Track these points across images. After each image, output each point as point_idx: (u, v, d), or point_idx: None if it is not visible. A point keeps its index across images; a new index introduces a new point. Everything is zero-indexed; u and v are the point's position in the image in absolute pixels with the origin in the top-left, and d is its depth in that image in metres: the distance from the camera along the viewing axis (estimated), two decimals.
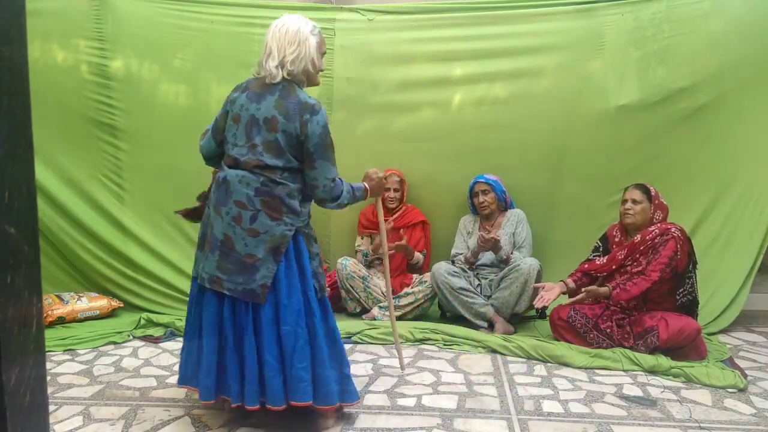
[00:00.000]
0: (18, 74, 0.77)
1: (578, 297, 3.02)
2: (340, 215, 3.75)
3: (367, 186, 2.31)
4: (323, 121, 2.07)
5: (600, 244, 3.30)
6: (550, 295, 3.10)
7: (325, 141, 2.08)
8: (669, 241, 2.98)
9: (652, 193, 3.12)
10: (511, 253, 3.53)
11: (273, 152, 2.05)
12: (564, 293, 3.20)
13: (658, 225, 3.08)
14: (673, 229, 3.03)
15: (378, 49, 3.82)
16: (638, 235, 3.09)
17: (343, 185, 2.16)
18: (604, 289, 2.98)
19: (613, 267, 3.14)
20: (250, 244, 2.04)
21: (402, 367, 2.73)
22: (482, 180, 3.66)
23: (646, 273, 2.97)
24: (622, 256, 3.11)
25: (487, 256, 3.61)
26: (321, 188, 2.09)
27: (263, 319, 2.04)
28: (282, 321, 2.04)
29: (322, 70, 2.25)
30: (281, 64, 2.09)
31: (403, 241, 3.62)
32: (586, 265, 3.25)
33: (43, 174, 3.59)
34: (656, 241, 3.03)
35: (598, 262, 3.21)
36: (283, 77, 2.10)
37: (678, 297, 3.05)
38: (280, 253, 2.05)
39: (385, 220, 3.76)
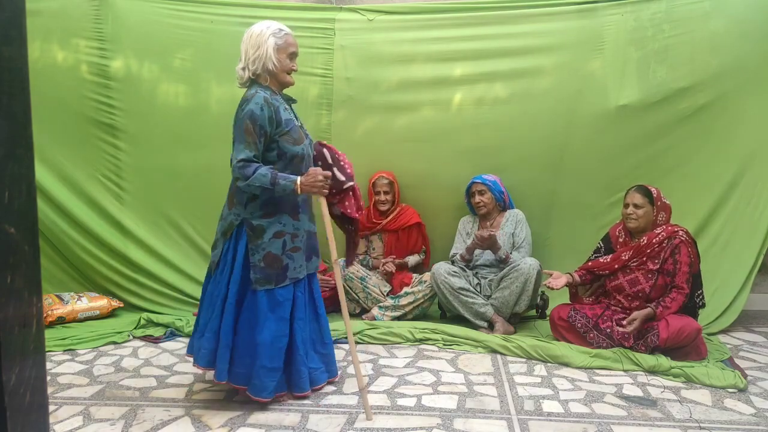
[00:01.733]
0: (18, 74, 0.77)
1: (631, 328, 2.91)
2: None
3: (298, 182, 2.26)
4: (248, 108, 2.25)
5: (602, 245, 3.30)
6: (558, 283, 3.11)
7: (241, 125, 2.26)
8: (681, 248, 2.99)
9: (654, 195, 3.11)
10: (510, 253, 3.53)
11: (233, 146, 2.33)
12: (569, 284, 3.19)
13: (664, 227, 3.08)
14: (680, 233, 3.03)
15: (378, 49, 3.82)
16: (644, 237, 3.09)
17: (260, 170, 2.23)
18: (648, 311, 2.95)
19: (617, 266, 3.14)
20: (219, 224, 2.45)
21: (368, 417, 2.31)
22: (478, 180, 3.66)
23: (677, 286, 2.99)
24: (627, 257, 3.11)
25: (486, 256, 3.61)
26: (232, 167, 2.27)
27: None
28: (209, 295, 2.44)
29: (292, 71, 2.42)
30: (245, 66, 2.38)
31: (392, 269, 3.72)
32: (590, 263, 3.24)
33: (43, 174, 3.59)
34: (664, 244, 3.03)
35: (602, 260, 3.21)
36: (249, 77, 2.38)
37: (697, 299, 3.06)
38: (226, 237, 2.38)
39: (378, 223, 3.80)
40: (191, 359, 2.52)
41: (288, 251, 2.37)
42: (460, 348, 3.16)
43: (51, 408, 2.36)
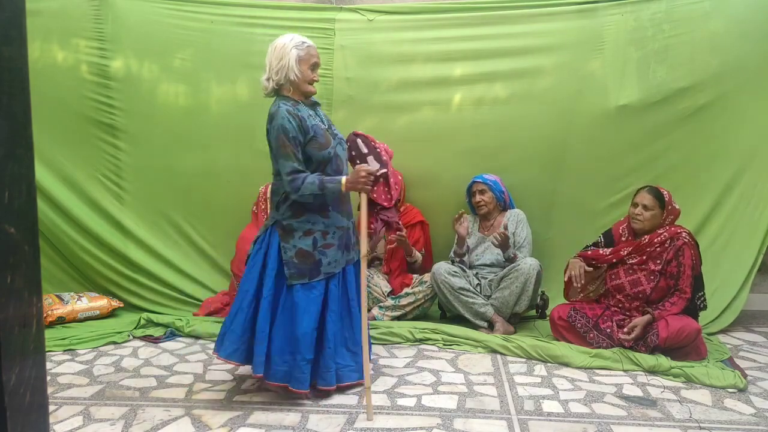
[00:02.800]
0: (18, 74, 0.77)
1: (632, 336, 2.92)
2: None
3: (343, 181, 2.40)
4: (276, 125, 2.38)
5: (602, 239, 3.28)
6: (579, 272, 3.11)
7: (276, 141, 2.39)
8: (685, 250, 2.99)
9: (666, 198, 3.08)
10: (517, 253, 3.53)
11: (271, 159, 2.49)
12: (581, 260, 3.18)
13: (667, 228, 3.08)
14: (683, 234, 3.03)
15: (378, 49, 3.82)
16: (646, 237, 3.09)
17: (308, 179, 2.36)
18: (648, 317, 2.95)
19: (614, 260, 3.14)
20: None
21: (369, 416, 2.31)
22: (479, 180, 3.66)
23: (680, 290, 2.98)
24: (626, 252, 3.11)
25: (487, 256, 3.62)
26: (284, 182, 2.40)
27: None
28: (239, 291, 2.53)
29: (313, 81, 2.50)
30: (269, 77, 2.46)
31: (403, 233, 3.58)
32: (590, 253, 3.22)
33: (43, 174, 3.59)
34: (666, 245, 3.03)
35: (602, 252, 3.20)
36: (273, 88, 2.47)
37: (698, 301, 3.05)
38: (260, 236, 2.54)
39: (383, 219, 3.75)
40: (217, 357, 2.54)
41: (320, 248, 2.46)
42: (460, 348, 3.16)
43: (51, 408, 2.36)
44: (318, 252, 2.45)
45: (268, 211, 2.61)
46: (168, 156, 3.84)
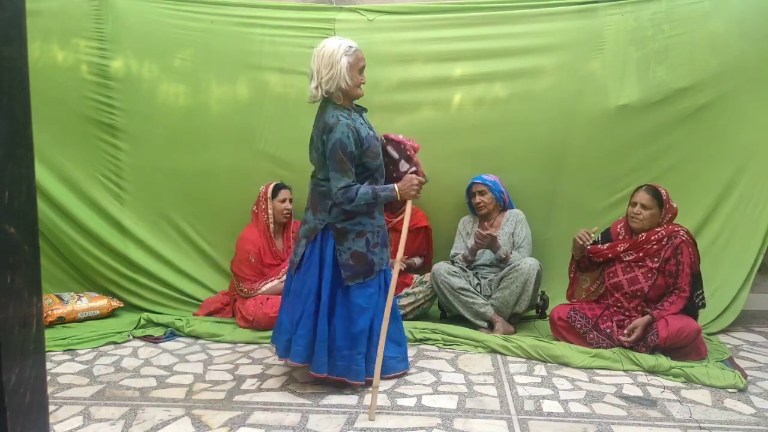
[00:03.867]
0: (18, 74, 0.77)
1: (632, 338, 2.93)
2: None
3: (396, 187, 2.47)
4: (334, 138, 2.40)
5: (600, 239, 3.29)
6: (581, 233, 3.15)
7: (335, 156, 2.40)
8: (683, 248, 2.99)
9: (663, 197, 3.09)
10: (510, 253, 3.53)
11: (316, 164, 2.58)
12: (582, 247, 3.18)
13: (665, 226, 3.08)
14: (681, 232, 3.03)
15: (378, 49, 3.81)
16: (643, 234, 3.09)
17: (360, 190, 2.42)
18: (647, 318, 2.95)
19: (610, 255, 3.15)
20: (301, 228, 2.64)
21: (371, 416, 2.31)
22: (479, 181, 3.66)
23: (679, 289, 2.98)
24: (622, 249, 3.12)
25: (487, 256, 3.61)
26: (334, 194, 2.44)
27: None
28: (293, 293, 2.60)
29: (362, 83, 2.53)
30: (319, 85, 2.46)
31: (416, 260, 3.77)
32: (590, 244, 3.23)
33: (43, 174, 3.59)
34: (664, 242, 3.03)
35: (599, 246, 3.20)
36: (323, 96, 2.48)
37: (697, 300, 3.05)
38: (309, 239, 2.56)
39: (389, 221, 3.77)
40: (277, 358, 2.69)
41: (371, 248, 2.56)
42: (460, 348, 3.16)
43: (51, 408, 2.36)
44: (370, 252, 2.54)
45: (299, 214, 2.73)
46: (168, 156, 3.84)
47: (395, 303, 2.75)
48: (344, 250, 2.51)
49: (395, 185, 2.48)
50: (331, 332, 2.52)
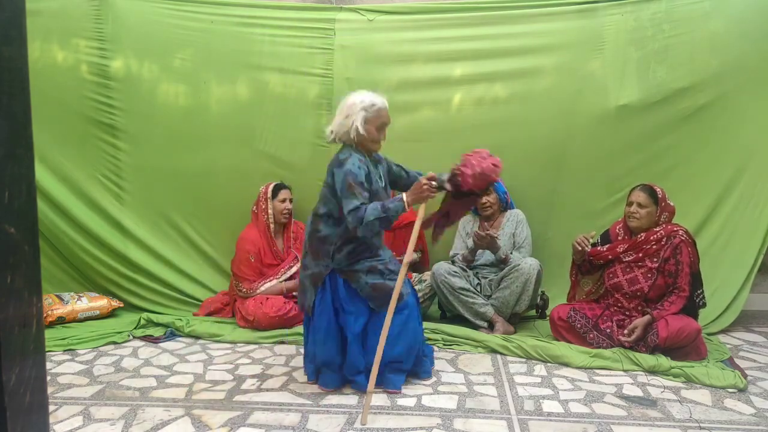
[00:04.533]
0: (18, 74, 0.77)
1: (633, 338, 2.93)
2: None
3: (404, 197, 2.41)
4: (345, 169, 2.42)
5: (599, 242, 3.29)
6: (579, 238, 3.16)
7: (344, 185, 2.41)
8: (682, 248, 2.99)
9: (659, 195, 3.10)
10: (510, 253, 3.53)
11: (321, 198, 2.58)
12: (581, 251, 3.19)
13: (663, 226, 3.08)
14: (680, 232, 3.03)
15: (378, 49, 3.82)
16: (642, 234, 3.09)
17: (369, 207, 2.37)
18: (647, 318, 2.95)
19: (610, 256, 3.15)
20: (302, 273, 2.65)
21: (363, 420, 2.28)
22: None
23: (678, 288, 2.98)
24: (622, 249, 3.12)
25: (487, 256, 3.61)
26: (348, 220, 2.40)
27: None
28: (312, 329, 2.61)
29: (379, 140, 2.56)
30: (333, 129, 2.54)
31: (416, 256, 3.72)
32: (589, 248, 3.23)
33: (42, 174, 3.59)
34: (663, 242, 3.03)
35: (599, 248, 3.21)
36: (334, 139, 2.55)
37: (697, 299, 3.05)
38: (317, 286, 2.55)
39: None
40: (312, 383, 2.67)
41: (388, 278, 2.54)
42: (460, 348, 3.16)
43: (51, 408, 2.36)
44: (389, 280, 2.52)
45: (301, 254, 2.72)
46: (168, 156, 3.84)
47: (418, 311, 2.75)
48: (363, 286, 2.52)
49: (403, 194, 2.43)
50: (368, 352, 2.50)
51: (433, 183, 2.42)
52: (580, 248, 3.16)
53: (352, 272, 2.53)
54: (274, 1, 3.97)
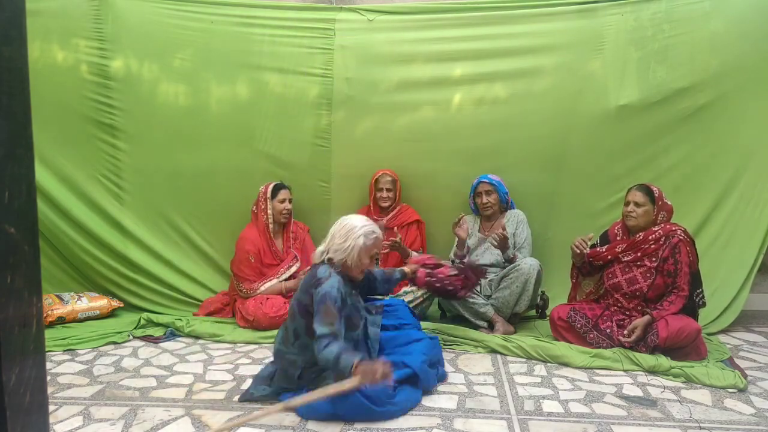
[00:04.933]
0: (18, 74, 0.77)
1: (632, 338, 2.93)
2: (341, 209, 3.65)
3: (356, 363, 2.09)
4: (324, 290, 2.29)
5: (598, 243, 3.30)
6: (578, 241, 3.17)
7: (321, 307, 2.27)
8: (681, 247, 2.99)
9: (656, 194, 3.10)
10: (517, 253, 3.53)
11: (291, 317, 2.44)
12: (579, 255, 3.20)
13: (662, 225, 3.08)
14: (678, 231, 3.03)
15: (378, 49, 3.83)
16: (641, 234, 3.09)
17: (330, 347, 2.17)
18: (647, 318, 2.96)
19: (609, 257, 3.15)
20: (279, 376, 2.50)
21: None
22: (486, 180, 3.65)
23: (678, 288, 2.98)
24: (621, 249, 3.12)
25: (487, 256, 3.61)
26: (314, 339, 2.25)
27: None
28: None
29: (365, 269, 2.50)
30: (327, 250, 2.43)
31: (398, 238, 3.58)
32: (587, 250, 3.23)
33: (42, 174, 3.59)
34: (661, 242, 3.03)
35: (598, 249, 3.21)
36: (323, 261, 2.42)
37: (697, 298, 3.05)
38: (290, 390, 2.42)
39: (378, 219, 3.74)
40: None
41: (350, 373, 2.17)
42: (460, 348, 3.16)
43: (51, 408, 2.36)
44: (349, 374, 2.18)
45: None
46: (168, 156, 3.84)
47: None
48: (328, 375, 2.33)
49: (355, 363, 2.07)
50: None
51: (386, 379, 2.09)
52: (578, 251, 3.16)
53: (321, 382, 2.32)
54: (274, 1, 3.98)
